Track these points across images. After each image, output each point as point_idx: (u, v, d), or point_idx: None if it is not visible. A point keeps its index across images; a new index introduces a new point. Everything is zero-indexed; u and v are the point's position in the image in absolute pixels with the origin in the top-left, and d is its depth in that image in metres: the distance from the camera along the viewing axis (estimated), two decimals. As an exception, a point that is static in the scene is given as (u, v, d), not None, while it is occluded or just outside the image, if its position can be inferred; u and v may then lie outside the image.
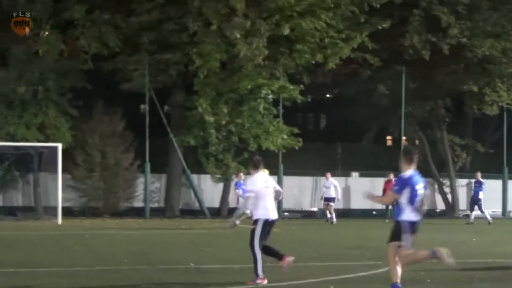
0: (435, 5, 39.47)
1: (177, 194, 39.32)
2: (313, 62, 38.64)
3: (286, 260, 13.48)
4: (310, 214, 41.60)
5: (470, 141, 46.22)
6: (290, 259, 13.48)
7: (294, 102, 39.02)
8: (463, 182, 44.24)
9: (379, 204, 28.55)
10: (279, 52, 38.22)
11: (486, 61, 41.13)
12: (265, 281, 13.09)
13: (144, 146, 37.48)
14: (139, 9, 36.30)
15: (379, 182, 39.43)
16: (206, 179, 39.64)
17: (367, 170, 41.86)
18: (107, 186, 37.33)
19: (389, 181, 37.11)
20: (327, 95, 53.40)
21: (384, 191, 37.05)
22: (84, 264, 14.43)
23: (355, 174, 43.83)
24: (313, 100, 41.06)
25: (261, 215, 13.48)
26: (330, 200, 34.44)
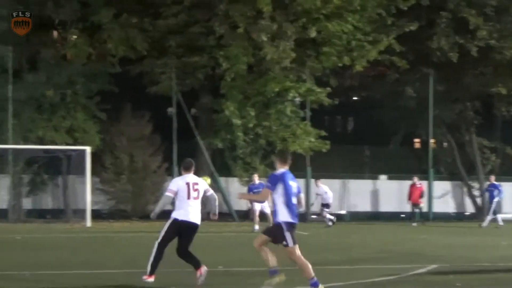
0: (463, 7, 39.20)
1: (204, 197, 39.30)
2: (340, 64, 38.54)
3: (202, 270, 13.40)
4: (338, 217, 41.42)
5: (499, 143, 45.86)
6: (205, 269, 13.39)
7: (322, 105, 38.91)
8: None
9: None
10: (306, 54, 38.16)
11: (515, 63, 40.85)
12: (151, 278, 13.18)
13: (171, 149, 37.56)
14: (166, 12, 36.40)
15: (407, 185, 39.25)
16: (233, 182, 39.62)
17: (395, 173, 41.63)
18: (135, 189, 37.44)
19: (413, 184, 36.92)
20: (355, 98, 53.20)
21: (409, 195, 36.88)
22: (112, 266, 14.49)
23: (383, 177, 43.61)
24: (340, 102, 40.89)
25: (175, 215, 13.54)
26: (327, 206, 34.43)
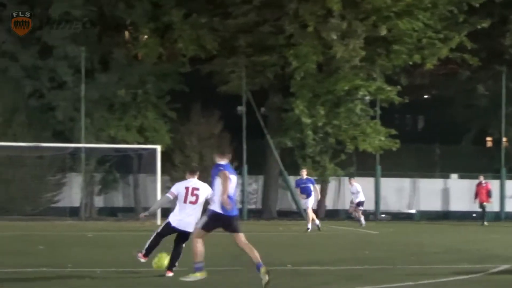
0: (537, 3, 38.61)
1: (274, 195, 39.44)
2: (410, 63, 38.25)
3: (169, 273, 13.56)
4: (408, 216, 41.13)
5: None
6: (170, 274, 13.54)
7: (392, 103, 38.67)
8: None
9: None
10: (376, 53, 37.96)
11: None
12: (144, 259, 13.73)
13: (241, 148, 37.67)
14: (236, 12, 36.58)
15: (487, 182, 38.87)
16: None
17: (467, 172, 41.11)
18: (205, 187, 37.56)
19: (479, 183, 36.32)
20: (425, 96, 52.70)
21: (476, 194, 36.28)
22: (183, 264, 14.57)
23: (454, 176, 43.11)
24: (410, 101, 40.59)
25: (170, 217, 13.81)
26: (359, 204, 32.99)
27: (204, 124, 38.28)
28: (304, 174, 28.87)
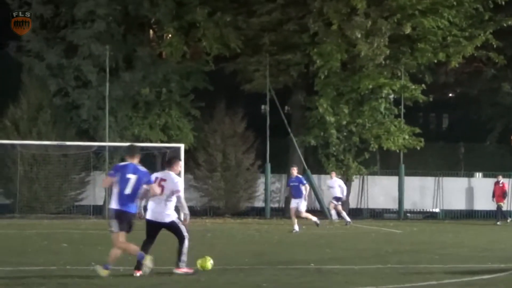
0: None
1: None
2: (435, 61, 38.08)
3: (138, 272, 13.52)
4: (432, 215, 41.01)
5: None
6: (140, 274, 13.48)
7: (416, 101, 38.54)
8: None
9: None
10: (401, 51, 37.83)
11: None
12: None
13: (264, 146, 37.69)
14: (260, 10, 36.59)
15: (504, 183, 38.59)
16: (326, 180, 39.52)
17: (491, 171, 40.89)
18: (228, 186, 37.70)
19: (497, 182, 36.12)
20: (450, 95, 52.50)
21: (494, 193, 36.09)
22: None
23: (479, 175, 42.90)
24: (435, 99, 40.46)
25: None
26: (338, 199, 32.40)
27: (227, 122, 38.31)
28: (294, 173, 27.85)
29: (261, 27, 37.00)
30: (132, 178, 13.43)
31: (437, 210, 41.05)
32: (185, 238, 13.83)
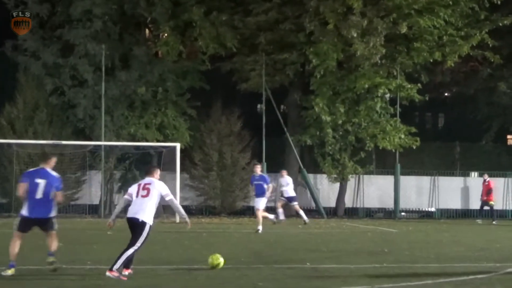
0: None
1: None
2: (431, 60, 38.11)
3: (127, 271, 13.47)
4: (427, 215, 41.05)
5: None
6: (130, 272, 13.38)
7: (412, 101, 38.56)
8: None
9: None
10: (397, 50, 37.87)
11: None
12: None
13: (260, 145, 37.69)
14: (256, 9, 36.60)
15: (499, 182, 38.63)
16: (322, 179, 39.59)
17: (487, 170, 40.91)
18: (224, 185, 37.71)
19: (484, 181, 36.03)
20: (446, 94, 52.54)
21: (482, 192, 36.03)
22: (202, 262, 14.63)
23: (474, 174, 42.96)
24: (431, 99, 40.50)
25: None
26: (292, 199, 31.22)
27: (224, 122, 38.33)
28: (257, 171, 27.22)
29: (257, 27, 37.01)
30: (41, 182, 13.69)
31: (433, 209, 41.08)
32: (134, 246, 13.34)
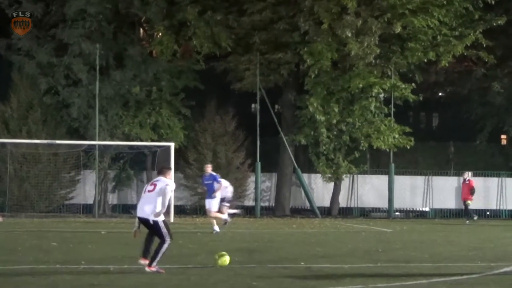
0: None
1: (287, 193, 39.40)
2: (425, 60, 38.15)
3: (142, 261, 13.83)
4: (422, 214, 41.07)
5: None
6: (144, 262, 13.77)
7: (406, 101, 38.58)
8: None
9: None
10: (391, 50, 37.90)
11: None
12: (144, 261, 13.84)
13: (255, 145, 37.69)
14: (251, 9, 36.59)
15: (493, 182, 38.65)
16: (316, 178, 39.60)
17: (481, 170, 40.98)
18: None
19: (464, 180, 35.66)
20: (440, 94, 52.58)
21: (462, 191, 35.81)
22: (196, 261, 14.64)
23: (468, 174, 42.96)
24: (425, 98, 40.46)
25: None
26: (223, 199, 27.43)
27: (218, 121, 38.31)
28: (208, 170, 26.41)
29: (251, 26, 37.01)
30: None
31: (427, 209, 41.09)
32: (165, 243, 13.77)
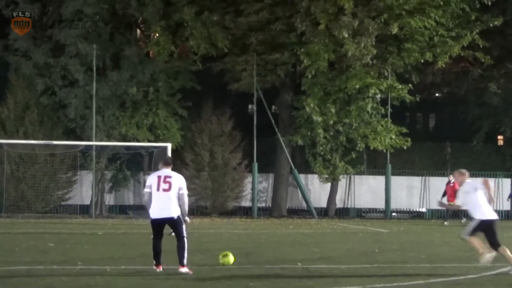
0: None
1: (284, 194, 39.41)
2: (422, 61, 38.16)
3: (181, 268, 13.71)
4: (418, 215, 41.08)
5: None
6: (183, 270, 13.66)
7: (403, 101, 38.61)
8: None
9: None
10: (388, 51, 37.91)
11: None
12: (158, 268, 13.83)
13: (252, 146, 37.71)
14: (248, 9, 36.59)
15: (490, 182, 38.65)
16: (313, 179, 39.61)
17: (477, 171, 40.96)
18: (216, 185, 37.69)
19: (448, 182, 35.11)
20: (437, 95, 52.60)
21: (444, 193, 35.21)
22: (195, 262, 14.62)
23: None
24: (422, 99, 40.48)
25: (149, 213, 13.98)
26: None
27: (215, 122, 38.32)
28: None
29: (248, 27, 37.00)
30: None
31: (424, 209, 41.12)
32: (185, 238, 13.80)
